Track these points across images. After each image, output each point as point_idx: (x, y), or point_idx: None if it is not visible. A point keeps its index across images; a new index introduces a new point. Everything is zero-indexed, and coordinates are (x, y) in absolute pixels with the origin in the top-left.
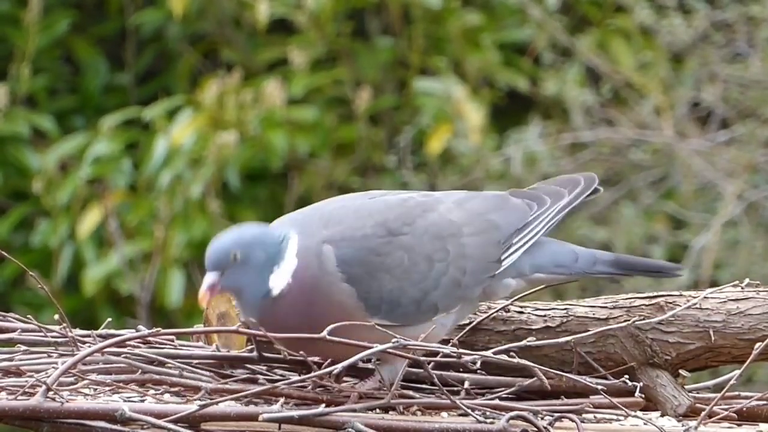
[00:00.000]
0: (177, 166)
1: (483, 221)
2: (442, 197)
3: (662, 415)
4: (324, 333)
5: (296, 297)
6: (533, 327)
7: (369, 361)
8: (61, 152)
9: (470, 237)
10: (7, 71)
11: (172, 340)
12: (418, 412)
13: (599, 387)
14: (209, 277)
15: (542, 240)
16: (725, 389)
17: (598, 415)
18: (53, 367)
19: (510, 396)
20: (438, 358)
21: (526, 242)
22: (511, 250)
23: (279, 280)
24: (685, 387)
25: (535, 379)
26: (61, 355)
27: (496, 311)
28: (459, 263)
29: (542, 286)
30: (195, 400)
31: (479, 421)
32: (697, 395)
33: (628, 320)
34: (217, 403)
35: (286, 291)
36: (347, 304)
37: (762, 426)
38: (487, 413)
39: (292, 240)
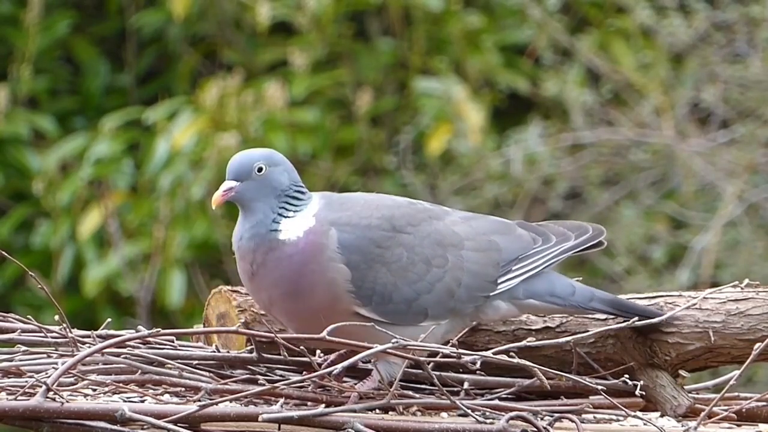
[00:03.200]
0: (178, 167)
1: (486, 240)
2: (451, 211)
3: (662, 416)
4: (324, 333)
5: (298, 254)
6: (533, 327)
7: (369, 361)
8: (62, 153)
9: (471, 252)
10: (7, 72)
11: (172, 341)
12: (418, 413)
13: (599, 387)
14: (227, 183)
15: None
16: (725, 390)
17: (598, 416)
18: (53, 368)
19: (510, 396)
20: (438, 359)
21: (526, 272)
22: (509, 276)
23: (292, 228)
24: (685, 387)
25: (534, 379)
26: (61, 356)
27: None
28: (455, 274)
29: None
30: (195, 400)
31: (479, 422)
32: (696, 395)
33: (628, 321)
34: (216, 403)
35: (292, 241)
36: (338, 284)
37: (761, 426)
38: (487, 413)
39: (314, 201)
